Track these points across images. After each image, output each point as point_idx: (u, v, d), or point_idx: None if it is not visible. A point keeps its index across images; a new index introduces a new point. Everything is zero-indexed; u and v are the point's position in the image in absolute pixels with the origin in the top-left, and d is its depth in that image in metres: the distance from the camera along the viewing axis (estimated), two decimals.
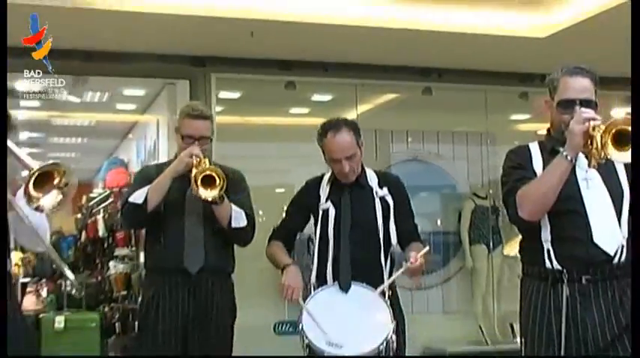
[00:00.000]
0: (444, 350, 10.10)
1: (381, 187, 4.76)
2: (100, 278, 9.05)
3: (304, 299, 4.46)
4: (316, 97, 10.65)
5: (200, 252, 4.82)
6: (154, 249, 4.87)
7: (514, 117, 11.58)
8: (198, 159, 4.71)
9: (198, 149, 4.76)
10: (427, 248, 4.67)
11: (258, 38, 8.14)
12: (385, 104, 10.78)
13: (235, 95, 10.31)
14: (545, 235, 3.68)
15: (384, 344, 4.25)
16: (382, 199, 4.72)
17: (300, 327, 4.33)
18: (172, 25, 7.83)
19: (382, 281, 4.57)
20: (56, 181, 4.25)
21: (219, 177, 4.60)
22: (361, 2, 7.72)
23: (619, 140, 3.30)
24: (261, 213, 10.01)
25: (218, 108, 9.58)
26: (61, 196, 4.26)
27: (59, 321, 8.04)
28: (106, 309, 8.66)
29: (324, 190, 4.73)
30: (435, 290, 10.67)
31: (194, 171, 4.65)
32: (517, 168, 3.80)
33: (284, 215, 4.97)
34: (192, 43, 8.70)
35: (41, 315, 8.09)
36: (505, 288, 10.59)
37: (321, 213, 4.67)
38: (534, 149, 3.88)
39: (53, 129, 14.12)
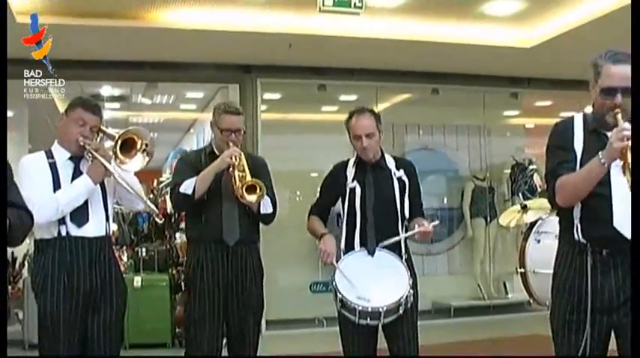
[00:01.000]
0: (449, 304, 10.16)
1: (398, 169, 4.75)
2: (168, 246, 9.08)
3: (336, 262, 4.48)
4: (343, 97, 10.65)
5: (236, 228, 4.81)
6: (197, 225, 4.83)
7: (506, 113, 11.58)
8: (237, 158, 4.73)
9: (237, 150, 4.77)
10: (437, 221, 4.79)
11: (295, 49, 8.16)
12: (400, 102, 10.77)
13: (277, 96, 10.34)
14: (576, 212, 3.54)
15: (404, 297, 4.29)
16: (399, 179, 4.71)
17: (334, 285, 4.34)
18: (225, 39, 7.86)
19: (400, 248, 4.61)
20: (139, 145, 4.32)
21: (259, 187, 4.65)
22: (380, 19, 7.70)
23: None
24: (298, 193, 10.09)
25: (263, 107, 9.62)
26: (147, 157, 4.33)
27: (137, 281, 8.12)
28: (174, 271, 8.70)
29: (350, 172, 4.72)
30: (442, 255, 10.71)
31: (236, 171, 4.69)
32: (560, 148, 3.59)
33: (318, 194, 4.98)
34: (241, 54, 8.73)
35: (124, 275, 8.23)
36: (499, 253, 10.68)
37: (348, 191, 4.66)
38: (578, 123, 3.62)
39: (131, 125, 14.18)
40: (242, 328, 4.80)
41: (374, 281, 4.34)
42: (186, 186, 4.67)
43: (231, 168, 4.69)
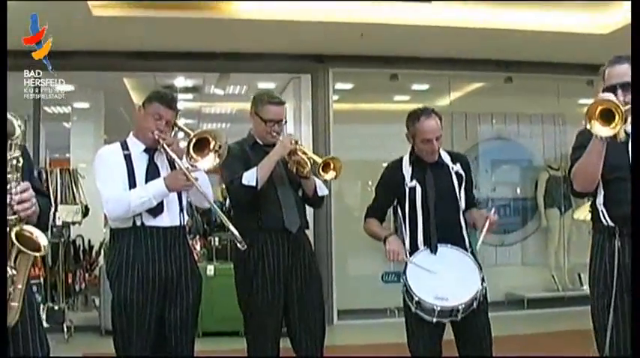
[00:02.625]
0: (523, 295, 10.04)
1: (454, 163, 4.72)
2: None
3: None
4: (415, 87, 10.60)
5: (295, 214, 4.83)
6: (253, 215, 4.77)
7: (581, 101, 11.32)
8: (295, 143, 4.74)
9: (292, 135, 4.80)
10: (493, 208, 4.75)
11: (367, 38, 8.13)
12: (473, 91, 10.67)
13: (348, 86, 10.31)
14: (600, 199, 3.69)
15: (479, 291, 4.27)
16: (457, 173, 4.68)
17: (408, 287, 4.32)
18: (298, 29, 7.87)
19: (463, 240, 4.59)
20: (212, 145, 4.36)
21: (333, 163, 4.67)
22: (453, 7, 7.63)
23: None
24: (369, 183, 10.07)
25: (334, 97, 9.62)
26: (218, 158, 4.37)
27: (210, 269, 8.21)
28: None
29: (407, 171, 4.68)
30: (515, 246, 10.58)
31: (299, 154, 4.69)
32: (579, 148, 3.72)
33: (374, 195, 4.94)
34: (313, 44, 8.74)
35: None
36: (574, 244, 10.50)
37: (408, 190, 4.62)
38: None
39: (203, 116, 14.35)
40: (310, 315, 4.81)
41: (447, 278, 4.33)
42: (248, 178, 4.66)
43: (291, 154, 4.72)
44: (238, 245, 4.43)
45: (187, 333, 4.41)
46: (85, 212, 9.48)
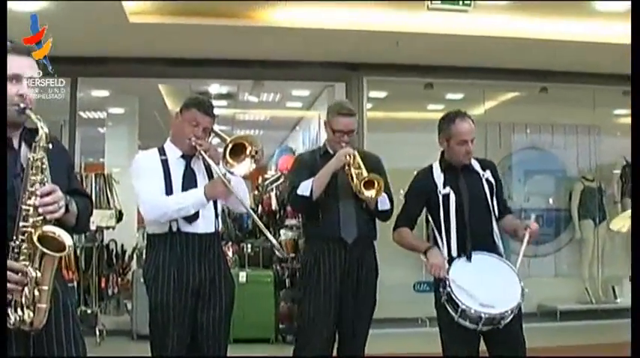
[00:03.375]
0: (555, 307, 9.95)
1: (484, 170, 4.71)
2: (286, 253, 9.18)
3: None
4: (449, 96, 10.57)
5: (353, 225, 4.82)
6: (314, 223, 4.86)
7: (617, 111, 11.24)
8: (352, 157, 4.73)
9: (351, 149, 4.77)
10: (533, 216, 4.77)
11: (402, 47, 8.13)
12: (508, 101, 10.62)
13: (382, 94, 10.31)
14: None
15: (522, 298, 4.25)
16: (487, 180, 4.66)
17: (452, 297, 4.26)
18: (333, 37, 7.89)
19: (497, 248, 4.57)
20: (248, 150, 4.39)
21: (377, 182, 4.63)
22: (488, 16, 7.60)
23: None
24: (401, 191, 10.04)
25: (368, 106, 9.62)
26: (253, 164, 4.39)
27: (242, 276, 8.22)
28: (278, 268, 8.79)
29: (439, 177, 4.66)
30: (548, 257, 10.49)
31: (352, 169, 4.69)
32: None
33: (404, 203, 4.91)
34: (348, 52, 8.75)
35: None
36: (608, 256, 10.41)
37: (441, 197, 4.60)
38: None
39: (237, 123, 14.42)
40: (354, 326, 4.82)
41: (489, 286, 4.30)
42: (304, 188, 4.72)
43: (347, 167, 4.72)
44: (277, 252, 4.46)
45: (220, 338, 4.43)
46: (119, 217, 9.55)
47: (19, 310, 2.82)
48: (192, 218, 4.33)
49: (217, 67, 9.05)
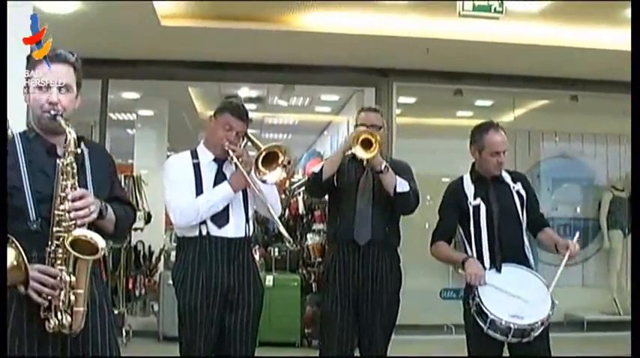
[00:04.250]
0: (582, 317, 9.90)
1: (515, 182, 4.70)
2: (299, 247, 9.18)
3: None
4: (479, 103, 10.54)
5: (367, 228, 4.81)
6: (332, 223, 4.91)
7: None
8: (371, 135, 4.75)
9: (369, 129, 4.80)
10: (578, 234, 4.66)
11: (432, 53, 8.12)
12: (538, 109, 10.58)
13: (411, 100, 10.31)
14: None
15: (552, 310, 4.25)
16: (517, 192, 4.65)
17: (482, 307, 4.25)
18: (363, 43, 7.90)
19: (526, 259, 4.57)
20: (280, 159, 4.42)
21: (374, 139, 4.64)
22: (519, 24, 7.58)
23: None
24: (428, 197, 10.03)
25: (397, 111, 9.61)
26: (284, 173, 4.42)
27: (269, 280, 8.24)
28: (304, 272, 8.81)
29: (470, 189, 4.66)
30: (576, 267, 10.41)
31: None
32: None
33: (439, 217, 4.90)
34: (378, 58, 8.76)
35: None
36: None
37: (472, 209, 4.60)
38: None
39: (266, 126, 14.47)
40: (372, 329, 4.81)
41: (519, 297, 4.28)
42: (315, 167, 4.83)
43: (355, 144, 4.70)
44: (287, 245, 4.50)
45: (248, 342, 4.44)
46: (148, 219, 9.60)
47: (58, 314, 2.86)
48: (222, 222, 4.36)
49: (247, 70, 9.09)
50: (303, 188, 10.93)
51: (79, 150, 3.00)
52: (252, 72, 9.17)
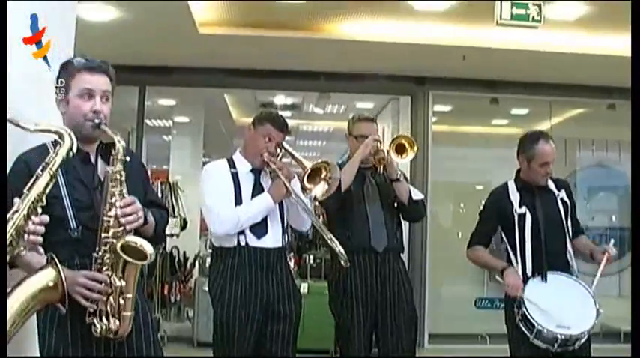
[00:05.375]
0: (619, 328, 9.79)
1: (559, 190, 4.69)
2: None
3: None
4: (515, 111, 10.47)
5: (383, 233, 4.84)
6: (343, 232, 4.80)
7: None
8: (379, 144, 4.77)
9: (377, 135, 4.82)
10: (612, 241, 4.73)
11: (468, 61, 8.09)
12: (574, 117, 10.48)
13: (447, 108, 10.27)
14: None
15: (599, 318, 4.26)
16: (562, 200, 4.66)
17: (527, 316, 4.27)
18: (400, 51, 7.88)
19: (570, 267, 4.58)
20: (324, 174, 4.42)
21: (409, 143, 4.66)
22: (556, 32, 7.53)
23: None
24: (462, 205, 10.00)
25: (433, 119, 9.58)
26: (327, 186, 4.42)
27: (304, 287, 8.22)
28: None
29: (515, 197, 4.65)
30: (612, 277, 10.31)
31: (379, 153, 4.77)
32: None
33: (478, 221, 4.90)
34: (415, 66, 8.74)
35: None
36: None
37: (517, 217, 4.59)
38: None
39: (301, 134, 14.51)
40: (396, 335, 4.80)
41: (564, 306, 4.30)
42: None
43: (375, 155, 4.78)
44: (342, 262, 4.46)
45: (289, 352, 4.46)
46: (184, 225, 9.65)
47: (104, 318, 2.90)
48: (261, 233, 4.37)
49: (283, 78, 9.12)
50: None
51: (128, 158, 3.04)
52: (288, 79, 9.19)
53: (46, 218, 2.57)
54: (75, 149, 2.74)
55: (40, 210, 2.58)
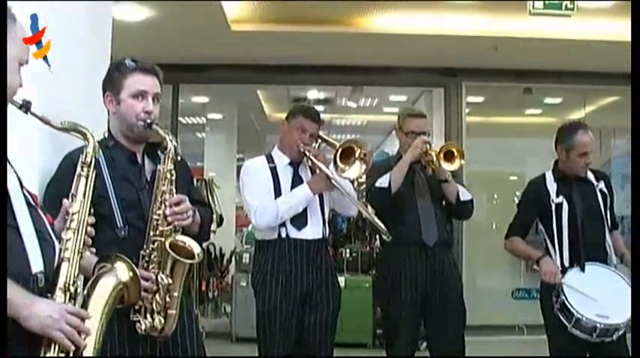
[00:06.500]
0: None
1: (598, 181, 4.67)
2: (369, 248, 9.17)
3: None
4: (548, 100, 10.42)
5: (434, 228, 4.84)
6: (395, 227, 4.76)
7: None
8: (428, 146, 4.75)
9: (426, 137, 4.81)
10: None
11: (501, 52, 8.05)
12: (608, 105, 10.39)
13: (480, 99, 10.24)
14: None
15: None
16: (601, 191, 4.63)
17: (567, 305, 4.26)
18: (431, 43, 7.87)
19: (609, 258, 4.56)
20: (357, 153, 4.44)
21: (456, 150, 4.66)
22: (589, 21, 7.47)
23: None
24: (495, 196, 9.95)
25: (466, 110, 9.54)
26: (364, 165, 4.45)
27: (341, 281, 8.23)
28: (375, 273, 8.81)
29: (552, 187, 4.63)
30: None
31: (428, 155, 4.74)
32: None
33: (517, 212, 4.89)
34: (447, 58, 8.71)
35: None
36: None
37: (554, 207, 4.57)
38: None
39: (334, 128, 14.51)
40: (446, 329, 4.80)
41: (603, 296, 4.27)
42: (382, 181, 4.74)
43: (424, 156, 4.76)
44: (383, 236, 4.49)
45: (326, 343, 4.51)
46: (220, 222, 9.69)
47: (149, 316, 2.93)
48: (301, 224, 4.42)
49: (316, 73, 9.13)
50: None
51: (179, 158, 3.08)
52: (320, 74, 9.20)
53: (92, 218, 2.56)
54: (96, 151, 2.58)
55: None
